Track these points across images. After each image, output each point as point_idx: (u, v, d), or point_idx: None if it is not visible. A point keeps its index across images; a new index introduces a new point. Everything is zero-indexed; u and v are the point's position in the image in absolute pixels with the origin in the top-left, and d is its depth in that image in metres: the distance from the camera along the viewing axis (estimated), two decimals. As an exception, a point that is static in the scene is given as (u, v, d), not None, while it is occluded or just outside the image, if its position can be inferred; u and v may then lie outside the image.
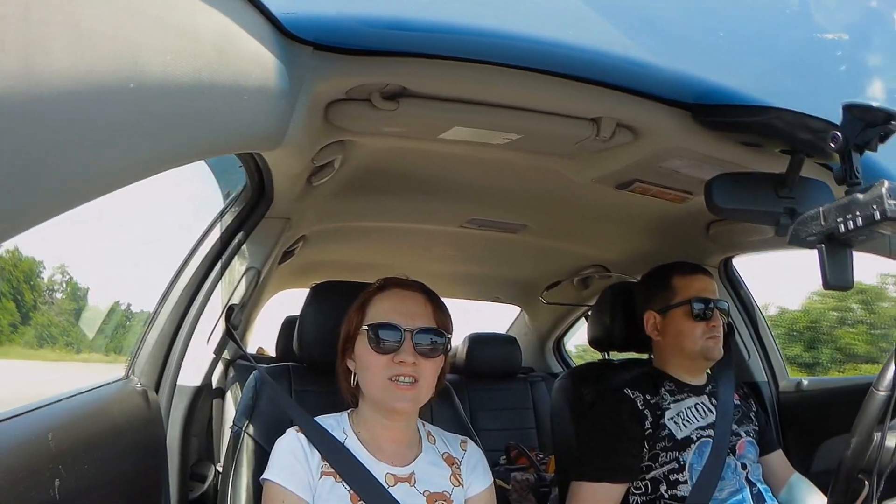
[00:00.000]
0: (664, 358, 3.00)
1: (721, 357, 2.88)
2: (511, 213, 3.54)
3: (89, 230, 3.21)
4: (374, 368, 2.10)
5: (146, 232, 4.32)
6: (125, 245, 4.56)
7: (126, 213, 3.02)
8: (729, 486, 2.67)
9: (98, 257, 4.86)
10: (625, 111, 2.20)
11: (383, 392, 2.08)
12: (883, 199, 1.69)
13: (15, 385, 2.41)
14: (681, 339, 2.88)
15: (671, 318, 2.93)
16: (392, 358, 2.07)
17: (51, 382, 2.23)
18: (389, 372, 2.07)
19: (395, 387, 2.06)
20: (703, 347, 2.83)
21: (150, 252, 4.54)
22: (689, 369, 2.93)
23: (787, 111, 2.03)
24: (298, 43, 1.76)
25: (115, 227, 3.52)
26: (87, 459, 1.82)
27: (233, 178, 2.74)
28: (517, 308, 6.32)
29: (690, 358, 2.89)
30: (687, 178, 2.66)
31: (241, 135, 1.56)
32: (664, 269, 3.05)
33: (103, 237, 3.98)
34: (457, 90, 2.08)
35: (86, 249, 4.72)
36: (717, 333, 2.85)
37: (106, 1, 0.93)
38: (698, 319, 2.85)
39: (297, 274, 4.89)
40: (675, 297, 2.92)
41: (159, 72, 1.05)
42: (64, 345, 5.87)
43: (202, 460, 3.13)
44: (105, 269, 5.18)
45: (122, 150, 1.02)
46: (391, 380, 2.06)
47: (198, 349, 2.74)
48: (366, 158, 2.68)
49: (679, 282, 2.94)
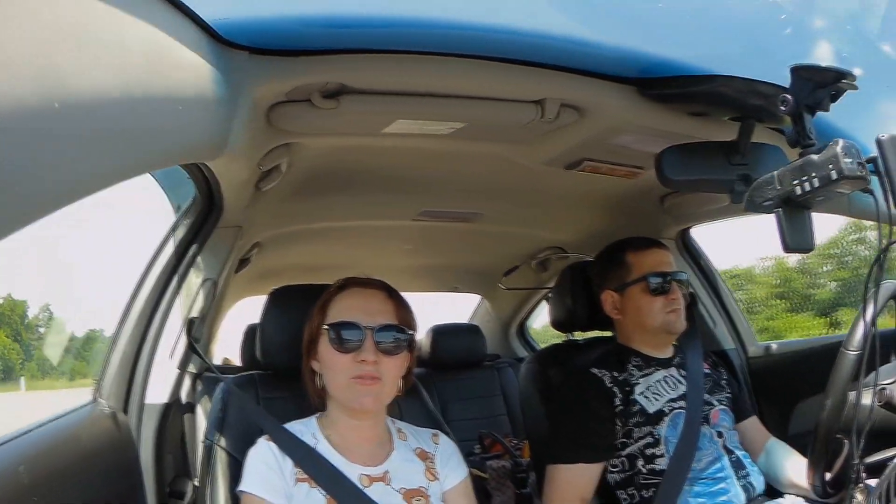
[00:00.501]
0: (627, 335, 2.99)
1: (684, 328, 2.88)
2: (463, 201, 3.54)
3: (41, 256, 3.19)
4: (337, 368, 2.09)
5: (96, 254, 4.31)
6: (76, 269, 4.54)
7: (71, 237, 3.02)
8: (707, 456, 2.67)
9: (51, 284, 4.82)
10: (568, 91, 2.19)
11: (347, 391, 2.08)
12: (839, 157, 1.70)
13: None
14: (640, 315, 2.88)
15: (629, 296, 2.92)
16: (354, 357, 2.07)
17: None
18: (353, 371, 2.06)
19: (359, 384, 2.06)
20: (665, 322, 2.83)
21: (105, 273, 4.53)
22: (653, 344, 2.92)
23: (735, 78, 2.03)
24: (234, 48, 1.74)
25: (61, 251, 3.50)
26: (62, 488, 1.80)
27: (182, 190, 2.71)
28: (478, 297, 6.30)
29: (652, 333, 2.89)
30: (637, 153, 2.65)
31: (180, 146, 1.54)
32: (617, 246, 3.04)
33: (50, 262, 3.96)
34: (397, 83, 2.07)
35: (35, 278, 4.69)
36: (677, 306, 2.84)
37: (26, 22, 0.91)
38: (656, 294, 2.84)
39: (254, 281, 4.86)
40: (631, 274, 2.91)
41: (87, 88, 1.03)
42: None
43: (179, 476, 3.10)
44: (63, 294, 5.15)
45: (53, 171, 1.00)
46: (354, 378, 2.06)
47: (163, 366, 2.72)
48: (312, 159, 2.66)
49: (633, 258, 2.93)
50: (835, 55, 1.91)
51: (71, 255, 7.07)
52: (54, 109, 0.94)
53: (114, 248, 4.57)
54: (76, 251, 6.64)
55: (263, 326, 2.50)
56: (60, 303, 8.56)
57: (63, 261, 7.45)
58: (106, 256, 5.01)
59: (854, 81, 1.80)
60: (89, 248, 5.70)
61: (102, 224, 3.19)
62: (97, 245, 4.87)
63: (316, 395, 2.23)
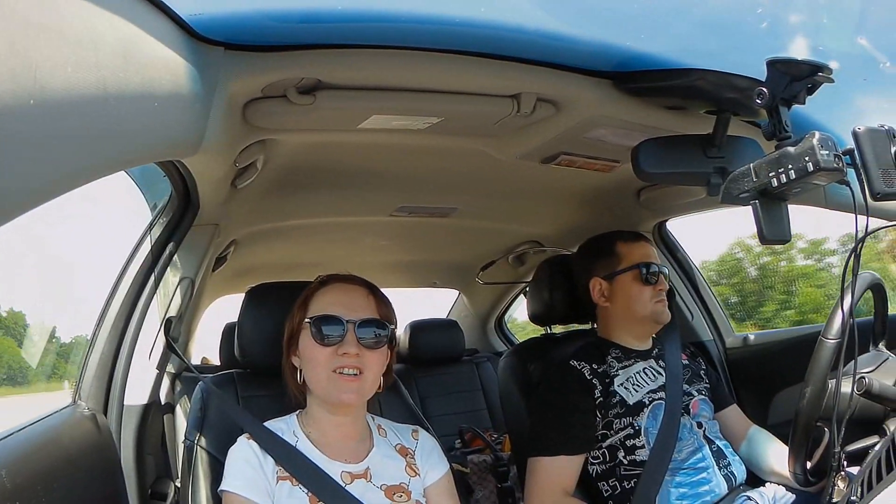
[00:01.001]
0: (610, 325, 3.02)
1: (669, 319, 2.91)
2: (440, 197, 3.53)
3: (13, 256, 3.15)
4: (318, 361, 2.10)
5: (71, 254, 4.25)
6: (51, 269, 4.47)
7: (47, 235, 2.97)
8: (687, 447, 2.69)
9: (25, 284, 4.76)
10: (544, 85, 2.19)
11: (328, 385, 2.09)
12: (815, 149, 1.71)
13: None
14: (630, 303, 2.92)
15: (619, 284, 2.95)
16: (336, 350, 2.08)
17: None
18: (334, 364, 2.08)
19: (340, 379, 2.07)
20: (653, 311, 2.88)
21: (81, 273, 4.45)
22: (636, 334, 2.96)
23: (711, 71, 2.04)
24: (209, 44, 1.72)
25: (35, 250, 3.45)
26: (45, 491, 1.79)
27: (158, 189, 2.69)
28: (455, 292, 6.31)
29: (640, 322, 2.92)
30: (613, 146, 2.65)
31: (155, 143, 1.53)
32: (605, 237, 3.08)
33: (25, 263, 3.90)
34: (372, 78, 2.06)
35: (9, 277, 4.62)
36: (663, 297, 2.90)
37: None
38: (647, 283, 2.89)
39: (232, 279, 4.83)
40: (621, 262, 2.95)
41: (60, 85, 1.02)
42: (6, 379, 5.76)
43: (161, 478, 3.08)
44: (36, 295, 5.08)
45: (26, 169, 0.99)
46: (335, 372, 2.08)
47: (141, 366, 2.71)
48: (288, 156, 2.65)
49: (623, 248, 2.98)
50: (811, 48, 1.92)
51: (45, 254, 6.89)
52: (29, 106, 0.94)
53: (90, 248, 4.49)
54: (51, 250, 6.48)
55: (241, 325, 2.49)
56: (32, 304, 8.31)
57: (36, 261, 7.25)
58: (81, 256, 4.93)
59: (830, 74, 1.81)
60: (64, 248, 5.58)
61: (78, 222, 3.14)
62: (72, 244, 4.79)
63: (297, 392, 2.24)
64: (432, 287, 6.11)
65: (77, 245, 4.01)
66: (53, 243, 3.38)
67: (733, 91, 2.07)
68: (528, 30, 1.92)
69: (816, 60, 1.78)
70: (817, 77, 1.80)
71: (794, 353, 2.55)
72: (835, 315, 2.19)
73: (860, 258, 1.94)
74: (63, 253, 4.07)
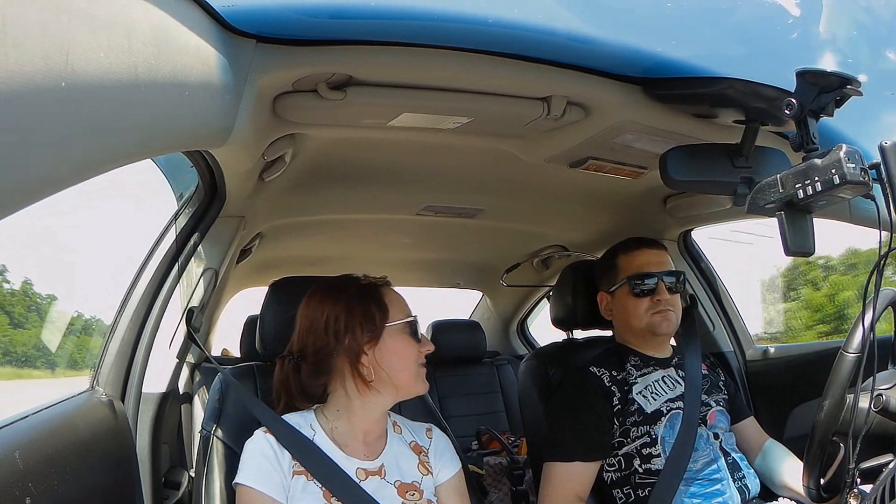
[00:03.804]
0: (622, 336, 3.02)
1: (672, 330, 2.90)
2: (466, 197, 3.53)
3: (35, 238, 3.17)
4: (409, 356, 2.20)
5: (98, 240, 4.27)
6: (77, 254, 4.50)
7: (73, 221, 2.98)
8: (703, 457, 2.68)
9: (49, 268, 4.78)
10: (574, 88, 2.19)
11: (417, 377, 2.23)
12: (842, 162, 1.70)
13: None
14: (627, 317, 2.92)
15: (617, 298, 2.96)
16: (420, 347, 2.23)
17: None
18: (421, 359, 2.23)
19: (422, 370, 2.24)
20: (649, 323, 2.85)
21: (105, 260, 4.48)
22: (648, 344, 2.94)
23: (740, 81, 2.03)
24: (241, 36, 1.73)
25: (64, 234, 3.47)
26: (58, 475, 1.79)
27: (185, 179, 2.70)
28: (479, 293, 6.30)
29: (640, 335, 2.92)
30: (641, 152, 2.65)
31: (184, 132, 1.53)
32: (612, 248, 3.08)
33: (51, 245, 3.92)
34: (404, 76, 2.06)
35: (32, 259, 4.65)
36: (663, 307, 2.85)
37: (34, 2, 0.90)
38: (641, 295, 2.87)
39: (255, 272, 4.86)
40: (619, 275, 2.95)
41: (93, 69, 1.02)
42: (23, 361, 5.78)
43: (175, 467, 3.09)
44: (61, 280, 5.11)
45: (56, 151, 0.99)
46: (421, 365, 2.21)
47: (161, 355, 2.71)
48: (317, 151, 2.66)
49: (622, 260, 2.97)
50: (840, 61, 1.91)
51: (70, 240, 6.94)
52: (61, 88, 0.94)
53: (114, 235, 4.52)
54: (75, 236, 6.51)
55: (263, 317, 2.50)
56: (58, 288, 8.40)
57: (62, 245, 7.32)
58: (105, 243, 4.95)
59: (859, 87, 1.80)
60: (89, 235, 5.60)
61: (102, 210, 3.17)
62: (96, 232, 4.80)
63: (320, 388, 2.23)
64: (456, 287, 6.11)
65: (100, 232, 4.03)
66: (73, 229, 3.40)
67: (762, 101, 2.06)
68: (560, 32, 1.92)
69: (846, 73, 1.77)
70: (846, 89, 1.79)
71: (814, 367, 2.54)
72: (856, 329, 2.17)
73: (883, 273, 1.93)
74: (84, 240, 4.09)
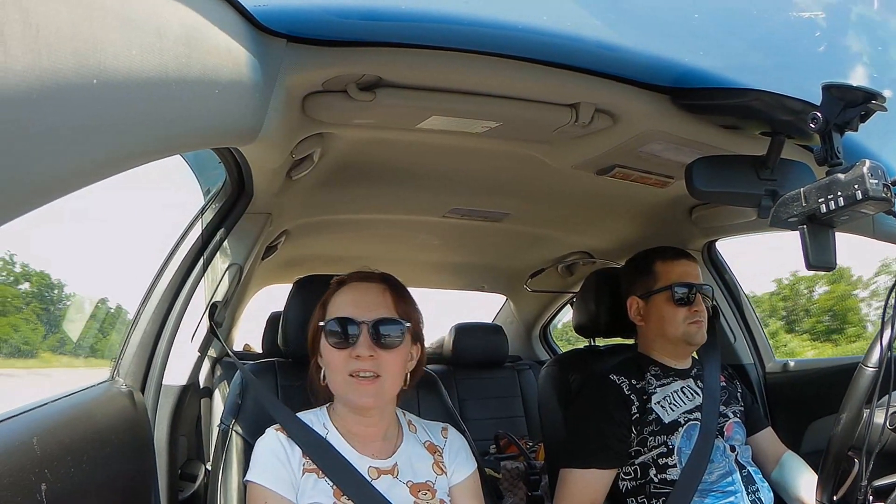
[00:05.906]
0: (648, 343, 3.01)
1: (705, 341, 2.88)
2: (493, 201, 3.53)
3: (66, 230, 3.19)
4: (334, 365, 2.09)
5: (126, 232, 4.30)
6: (104, 246, 4.54)
7: (104, 214, 3.00)
8: (718, 469, 2.68)
9: (78, 259, 4.83)
10: (603, 96, 2.20)
11: (345, 388, 2.08)
12: (864, 178, 1.70)
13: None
14: (663, 324, 2.90)
15: (653, 304, 2.94)
16: (350, 352, 2.06)
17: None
18: (349, 367, 2.06)
19: (356, 382, 2.06)
20: (686, 332, 2.85)
21: (131, 251, 4.51)
22: (673, 353, 2.94)
23: (767, 93, 2.03)
24: (272, 36, 1.74)
25: (94, 227, 3.51)
26: (74, 463, 1.80)
27: (213, 174, 2.72)
28: (503, 297, 6.30)
29: (673, 343, 2.90)
30: (667, 162, 2.66)
31: (214, 129, 1.54)
32: (646, 254, 3.06)
33: (81, 238, 3.97)
34: (433, 79, 2.07)
35: (64, 251, 4.69)
36: (699, 318, 2.86)
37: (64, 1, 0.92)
38: (680, 304, 2.86)
39: (280, 269, 4.87)
40: (657, 282, 2.93)
41: (124, 67, 1.03)
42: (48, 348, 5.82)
43: (192, 460, 3.10)
44: (86, 270, 5.15)
45: (88, 147, 1.00)
46: (352, 375, 2.06)
47: (182, 348, 2.72)
48: (345, 150, 2.67)
49: (661, 267, 2.95)
50: (865, 76, 1.91)
51: (96, 231, 7.01)
52: (92, 85, 0.95)
53: (140, 228, 4.57)
54: (102, 227, 6.58)
55: (286, 314, 2.51)
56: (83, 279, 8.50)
57: (89, 234, 7.42)
58: (132, 236, 4.99)
59: (884, 103, 1.80)
60: (116, 226, 5.65)
61: (130, 203, 3.20)
62: (123, 224, 4.84)
63: (322, 390, 2.23)
64: (480, 291, 6.10)
65: (128, 224, 4.06)
66: (101, 221, 3.43)
67: (788, 113, 2.07)
68: (590, 40, 1.92)
69: (871, 88, 1.77)
70: (871, 105, 1.80)
71: (832, 382, 2.52)
72: (875, 344, 2.17)
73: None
74: (111, 231, 4.13)
